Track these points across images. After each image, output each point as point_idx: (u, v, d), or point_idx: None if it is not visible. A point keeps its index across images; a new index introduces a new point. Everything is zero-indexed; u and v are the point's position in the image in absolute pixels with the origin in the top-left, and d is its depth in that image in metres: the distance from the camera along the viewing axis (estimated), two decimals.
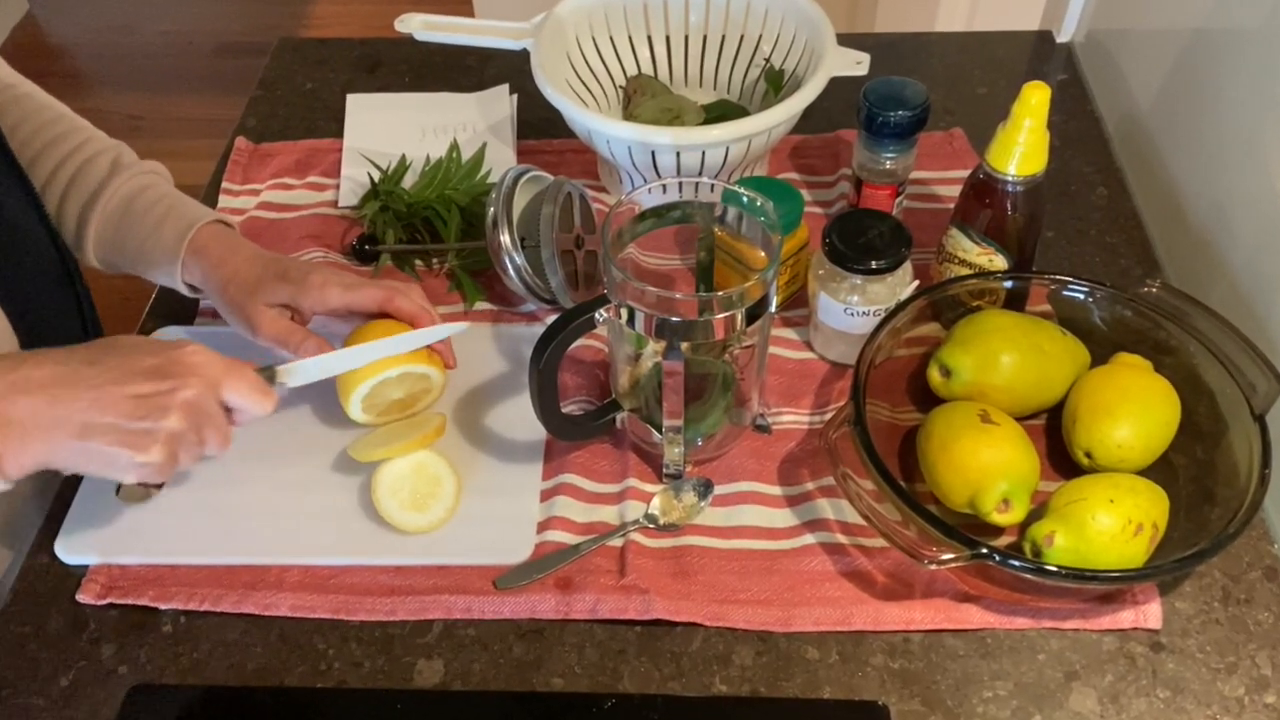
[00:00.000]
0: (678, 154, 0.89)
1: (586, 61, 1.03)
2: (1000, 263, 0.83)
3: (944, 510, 0.75)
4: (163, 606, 0.74)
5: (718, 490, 0.79)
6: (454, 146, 1.02)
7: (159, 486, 0.76)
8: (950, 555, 0.67)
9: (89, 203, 0.83)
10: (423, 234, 0.97)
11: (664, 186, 0.73)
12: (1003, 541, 0.75)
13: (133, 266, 0.85)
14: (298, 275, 0.79)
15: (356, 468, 0.79)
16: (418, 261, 0.96)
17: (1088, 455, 0.76)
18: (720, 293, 0.68)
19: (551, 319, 0.72)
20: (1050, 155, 0.79)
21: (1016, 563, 0.66)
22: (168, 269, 0.83)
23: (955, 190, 0.86)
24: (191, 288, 0.84)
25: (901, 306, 0.79)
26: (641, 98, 1.02)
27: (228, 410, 0.70)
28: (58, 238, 0.83)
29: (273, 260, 0.82)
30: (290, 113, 1.14)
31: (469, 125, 1.09)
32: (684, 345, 0.70)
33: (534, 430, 0.80)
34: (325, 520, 0.78)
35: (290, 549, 0.76)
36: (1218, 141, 0.91)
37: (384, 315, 0.80)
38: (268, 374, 0.73)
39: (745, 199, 0.73)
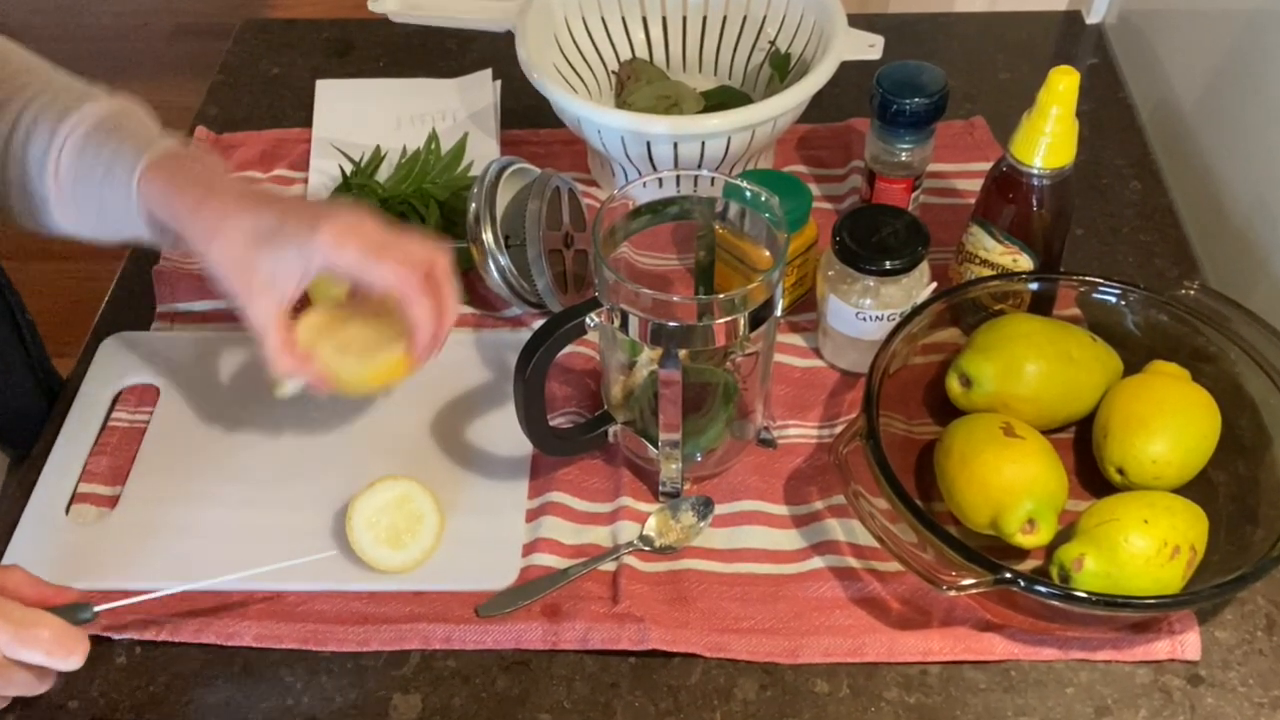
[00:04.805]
0: (675, 145, 0.90)
1: (576, 44, 1.03)
2: (1025, 263, 0.83)
3: (964, 531, 0.75)
4: (116, 636, 0.74)
5: (718, 510, 0.79)
6: (433, 137, 1.02)
7: None
8: (971, 580, 0.67)
9: (41, 164, 0.73)
10: None
11: (660, 180, 0.74)
12: (1028, 565, 0.75)
13: (115, 233, 0.75)
14: (301, 228, 0.69)
15: (329, 488, 0.79)
16: None
17: (1120, 472, 0.76)
18: (721, 295, 0.69)
19: (538, 324, 0.73)
20: (1079, 146, 0.79)
21: (1043, 588, 0.66)
22: (130, 225, 0.73)
23: (976, 184, 0.86)
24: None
25: (918, 310, 0.80)
26: (636, 84, 1.03)
27: None
28: None
29: (265, 203, 0.70)
30: (255, 100, 1.14)
31: (449, 114, 1.10)
32: (682, 352, 0.70)
33: (519, 445, 0.80)
34: (293, 542, 0.78)
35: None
36: (1262, 131, 0.92)
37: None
38: (77, 614, 0.65)
39: (748, 194, 0.74)
